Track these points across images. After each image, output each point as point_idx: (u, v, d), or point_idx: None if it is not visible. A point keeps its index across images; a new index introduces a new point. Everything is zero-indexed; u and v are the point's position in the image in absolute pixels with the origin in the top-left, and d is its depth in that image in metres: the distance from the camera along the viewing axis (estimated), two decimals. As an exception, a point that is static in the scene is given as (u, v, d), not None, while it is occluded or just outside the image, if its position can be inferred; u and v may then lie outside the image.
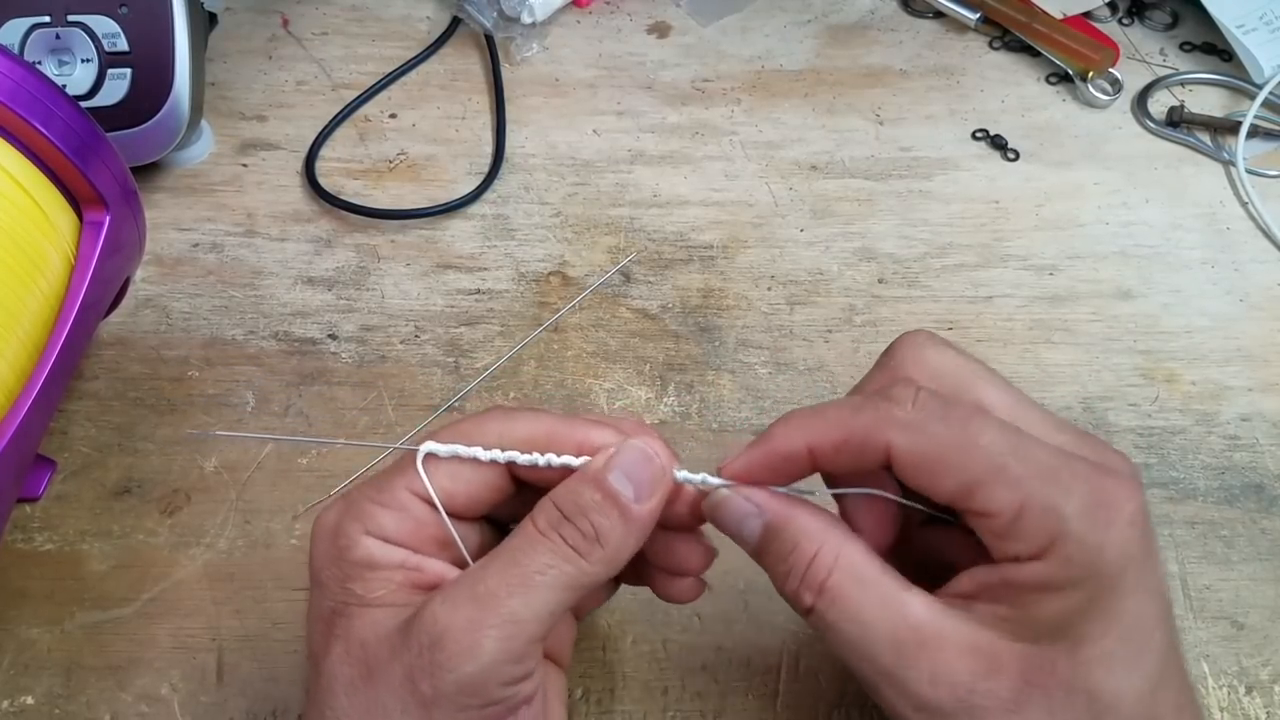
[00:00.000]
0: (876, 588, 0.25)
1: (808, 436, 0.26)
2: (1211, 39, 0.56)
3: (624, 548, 0.25)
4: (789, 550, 0.26)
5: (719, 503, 0.27)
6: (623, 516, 0.25)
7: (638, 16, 0.57)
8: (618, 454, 0.26)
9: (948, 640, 0.24)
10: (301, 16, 0.56)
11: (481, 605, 0.24)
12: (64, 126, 0.34)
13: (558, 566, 0.24)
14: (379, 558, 0.25)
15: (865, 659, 0.24)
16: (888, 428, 0.24)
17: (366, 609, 0.25)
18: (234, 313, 0.45)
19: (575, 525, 0.25)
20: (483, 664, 0.23)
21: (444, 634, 0.24)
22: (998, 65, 0.56)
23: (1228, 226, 0.49)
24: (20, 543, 0.38)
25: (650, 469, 0.26)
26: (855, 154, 0.51)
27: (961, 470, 0.24)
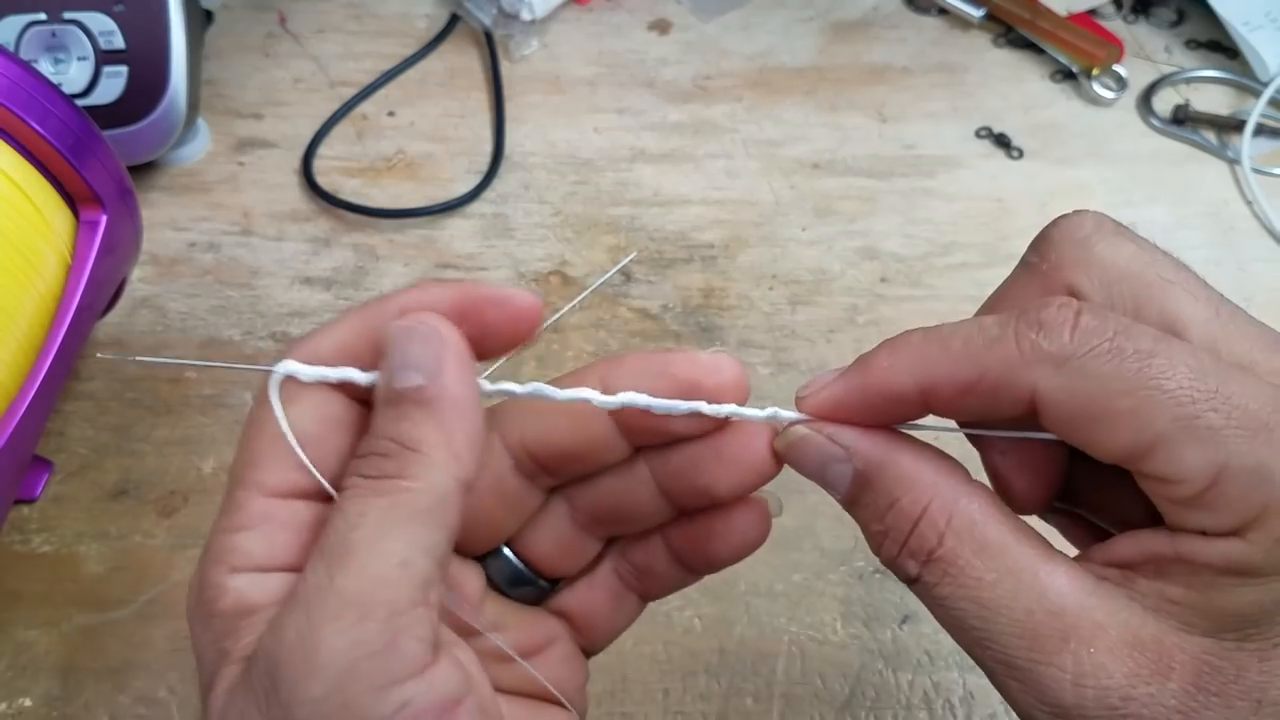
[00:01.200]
0: (1004, 556, 0.19)
1: (922, 371, 0.20)
2: (1217, 36, 0.56)
3: (451, 436, 0.19)
4: (886, 506, 0.20)
5: (794, 443, 0.21)
6: (421, 405, 0.19)
7: (638, 13, 0.57)
8: (387, 356, 0.20)
9: (1101, 630, 0.18)
10: (299, 13, 0.56)
11: (307, 605, 0.18)
12: (60, 125, 0.34)
13: (371, 508, 0.18)
14: (254, 598, 0.19)
15: (987, 647, 0.19)
16: (1035, 366, 0.18)
17: (230, 667, 0.19)
18: (231, 313, 0.45)
19: (373, 454, 0.19)
20: (331, 675, 0.17)
21: (276, 662, 0.18)
22: (1002, 62, 0.55)
23: (1233, 225, 0.49)
24: (17, 544, 0.38)
25: (422, 339, 0.19)
26: (858, 152, 0.51)
27: (1137, 425, 0.18)
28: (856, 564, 0.38)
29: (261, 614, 0.19)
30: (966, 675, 0.36)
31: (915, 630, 0.37)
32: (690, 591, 0.37)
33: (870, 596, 0.37)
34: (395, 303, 0.21)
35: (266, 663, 0.18)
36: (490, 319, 0.21)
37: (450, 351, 0.20)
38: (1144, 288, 0.20)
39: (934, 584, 0.19)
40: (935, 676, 0.36)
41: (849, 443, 0.21)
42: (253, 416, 0.20)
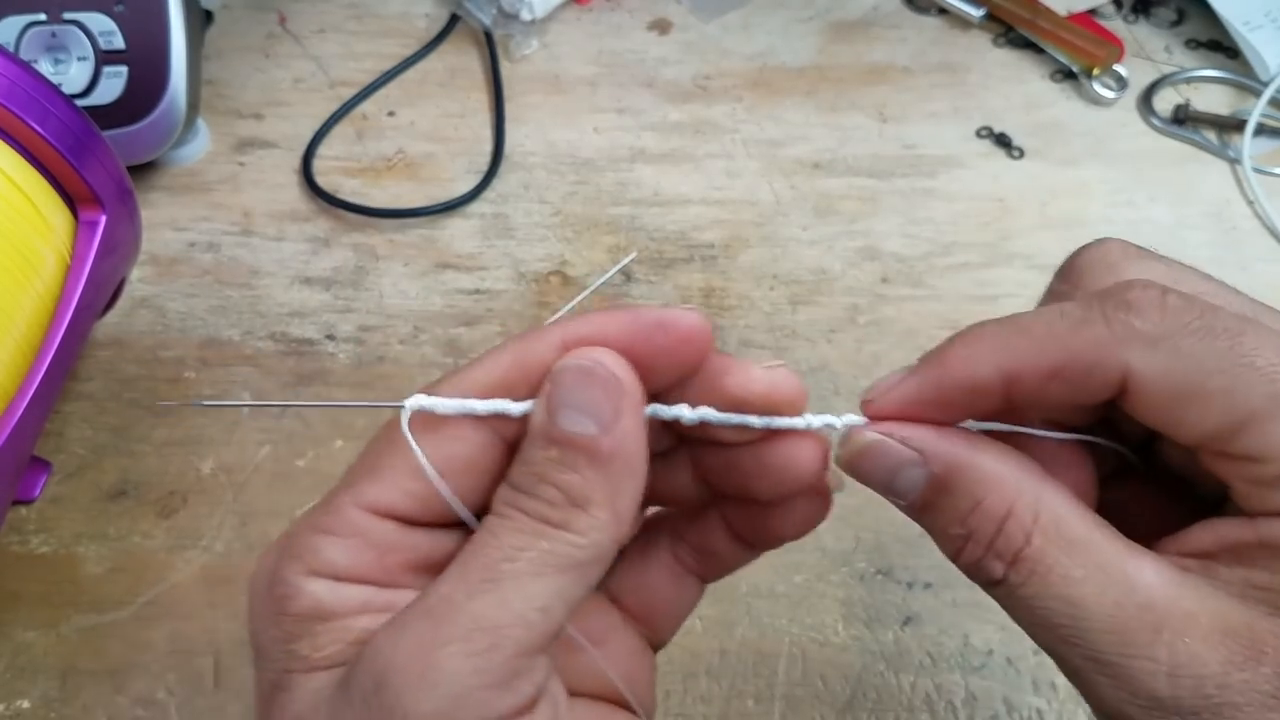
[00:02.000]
0: (1092, 552, 0.18)
1: (1006, 359, 0.19)
2: (1217, 36, 0.56)
3: (618, 494, 0.19)
4: (968, 509, 0.19)
5: (862, 450, 0.20)
6: (592, 460, 0.19)
7: (638, 13, 0.57)
8: (553, 389, 0.19)
9: (1192, 620, 0.18)
10: (299, 14, 0.56)
11: (436, 618, 0.18)
12: (59, 125, 0.34)
13: (531, 548, 0.18)
14: (330, 604, 0.19)
15: (1075, 644, 0.18)
16: (1128, 345, 0.18)
17: (311, 674, 0.18)
18: (230, 313, 0.45)
19: (536, 496, 0.19)
20: (446, 694, 0.17)
21: (387, 668, 0.17)
22: (1002, 62, 0.55)
23: (1234, 225, 0.49)
24: (15, 545, 0.38)
25: (601, 385, 0.19)
26: (858, 152, 0.51)
27: (1229, 403, 0.18)
28: (858, 565, 0.38)
29: (338, 622, 0.19)
30: (969, 677, 0.36)
31: (917, 632, 0.36)
32: (691, 592, 0.37)
33: (872, 598, 0.37)
34: (558, 334, 0.20)
35: (375, 667, 0.17)
36: (659, 345, 0.20)
37: (629, 403, 0.19)
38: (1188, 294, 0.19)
39: (1020, 584, 0.19)
40: (937, 678, 0.36)
41: (924, 446, 0.20)
42: (383, 434, 0.20)
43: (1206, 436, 0.18)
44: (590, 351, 0.19)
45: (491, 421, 0.20)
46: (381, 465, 0.20)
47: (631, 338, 0.20)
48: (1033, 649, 0.36)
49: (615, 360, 0.19)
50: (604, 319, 0.20)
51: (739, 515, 0.23)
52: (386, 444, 0.20)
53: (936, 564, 0.38)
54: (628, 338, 0.20)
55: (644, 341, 0.20)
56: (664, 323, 0.20)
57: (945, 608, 0.37)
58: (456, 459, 0.20)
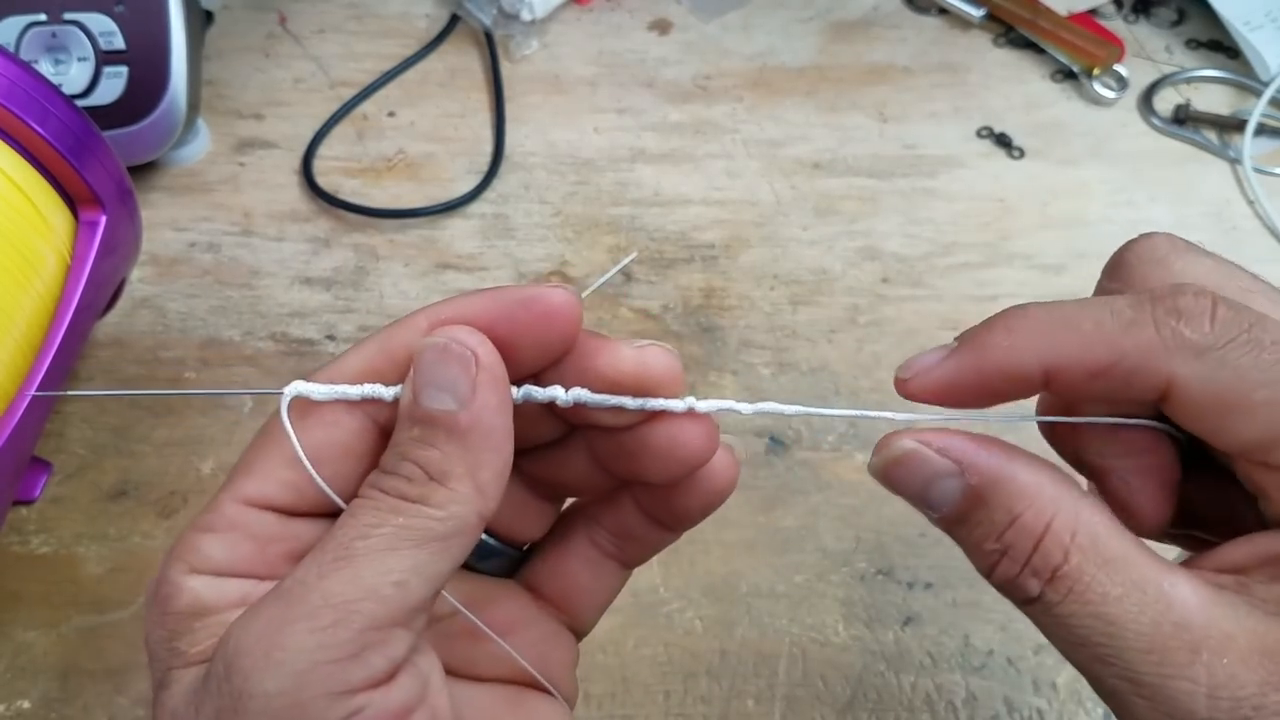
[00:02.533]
0: (1129, 570, 0.18)
1: (1050, 352, 0.19)
2: (1218, 36, 0.56)
3: (478, 467, 0.19)
4: (1005, 523, 0.19)
5: (898, 459, 0.20)
6: (450, 434, 0.19)
7: (639, 13, 0.57)
8: (415, 370, 0.19)
9: (1230, 640, 0.18)
10: (299, 14, 0.56)
11: (286, 600, 0.18)
12: (60, 125, 0.34)
13: (386, 524, 0.18)
14: (208, 600, 0.19)
15: (1112, 663, 0.18)
16: (1176, 354, 0.18)
17: (187, 669, 0.18)
18: (231, 313, 0.45)
19: (396, 474, 0.19)
20: (290, 671, 0.17)
21: (236, 652, 0.17)
22: (1002, 62, 0.55)
23: (1234, 225, 0.49)
24: (16, 545, 0.38)
25: (457, 361, 0.19)
26: (858, 152, 0.51)
27: (1273, 416, 0.18)
28: (858, 565, 0.38)
29: (216, 616, 0.19)
30: (969, 677, 0.36)
31: (917, 632, 0.36)
32: (691, 593, 0.37)
33: (872, 598, 0.37)
34: (423, 317, 0.20)
35: (227, 651, 0.18)
36: (524, 322, 0.20)
37: (486, 376, 0.19)
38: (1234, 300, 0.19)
39: (1057, 602, 0.18)
40: (937, 678, 0.35)
41: (962, 456, 0.19)
42: (262, 429, 0.20)
43: (1246, 447, 0.18)
44: (449, 330, 0.19)
45: (366, 408, 0.20)
46: (258, 459, 0.20)
47: (495, 316, 0.20)
48: (1033, 649, 0.36)
49: (472, 336, 0.19)
50: (467, 300, 0.20)
51: (647, 497, 0.23)
52: (263, 438, 0.20)
53: (937, 564, 0.38)
54: (492, 316, 0.20)
55: (508, 320, 0.20)
56: (527, 300, 0.20)
57: (946, 608, 0.37)
58: (333, 445, 0.20)
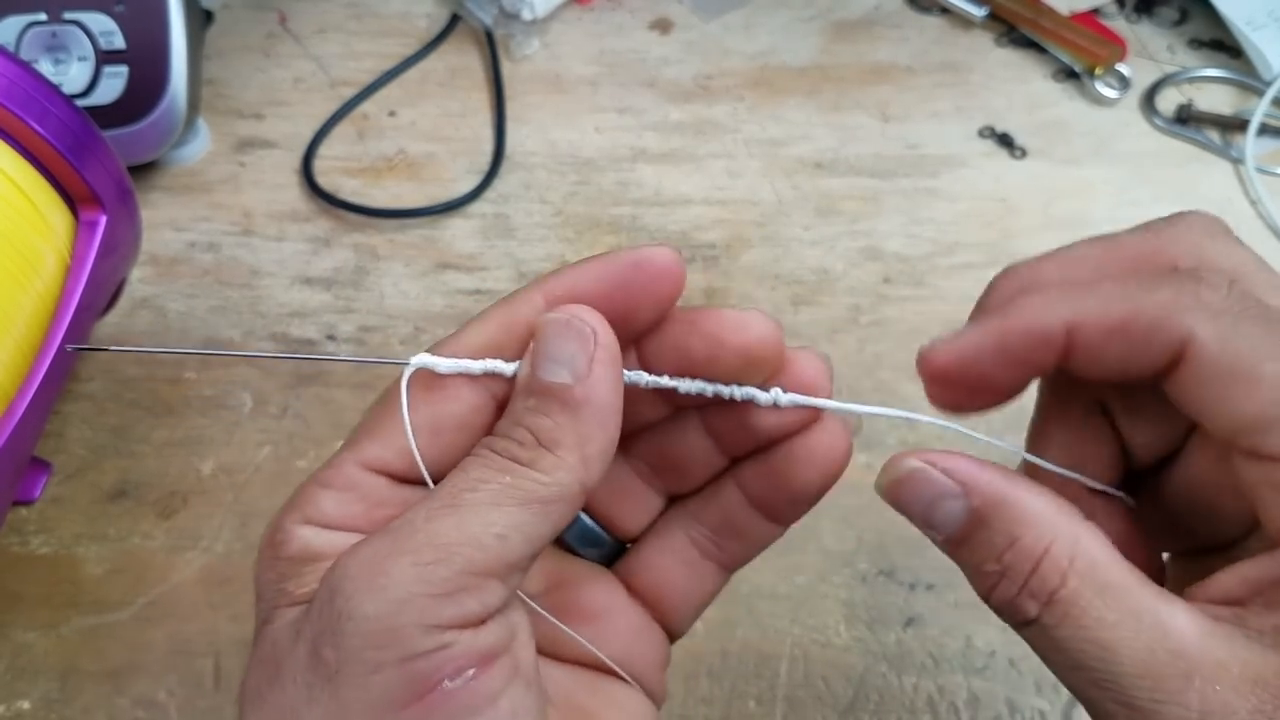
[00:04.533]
0: (1126, 597, 0.19)
1: (1072, 309, 0.19)
2: (1220, 36, 0.56)
3: (587, 440, 0.20)
4: (1005, 545, 0.19)
5: (903, 478, 0.20)
6: (564, 406, 0.20)
7: (640, 13, 0.57)
8: (536, 343, 0.20)
9: (1223, 668, 0.18)
10: (299, 13, 0.56)
11: (394, 536, 0.19)
12: (59, 125, 0.34)
13: (494, 480, 0.19)
14: (317, 548, 0.20)
15: (1107, 688, 0.19)
16: (1194, 312, 0.18)
17: (291, 607, 0.20)
18: (231, 313, 0.45)
19: (508, 438, 0.20)
20: (390, 595, 0.18)
21: (342, 577, 0.18)
22: (1004, 62, 0.55)
23: (1236, 225, 0.48)
24: (16, 546, 0.38)
25: (576, 336, 0.20)
26: (860, 151, 0.51)
27: (1275, 393, 0.18)
28: (860, 566, 0.38)
29: (323, 563, 0.20)
30: (971, 679, 0.35)
31: (919, 633, 0.36)
32: (692, 593, 0.37)
33: (874, 599, 0.37)
34: (538, 292, 0.21)
35: (333, 577, 0.18)
36: (636, 283, 0.21)
37: (602, 354, 0.20)
38: (1256, 290, 0.20)
39: (1053, 625, 0.19)
40: (939, 680, 0.35)
41: (966, 478, 0.19)
42: (386, 395, 0.21)
43: (1244, 425, 0.18)
44: (571, 307, 0.20)
45: (486, 382, 0.21)
46: (381, 425, 0.21)
47: (609, 283, 0.21)
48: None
49: (592, 315, 0.20)
50: (580, 269, 0.21)
51: (757, 481, 0.23)
52: (386, 404, 0.21)
53: (939, 565, 0.38)
54: (605, 284, 0.21)
55: (622, 285, 0.21)
56: (638, 261, 0.21)
57: (947, 609, 0.37)
58: (451, 417, 0.21)
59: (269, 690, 0.19)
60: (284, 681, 0.19)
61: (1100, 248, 0.21)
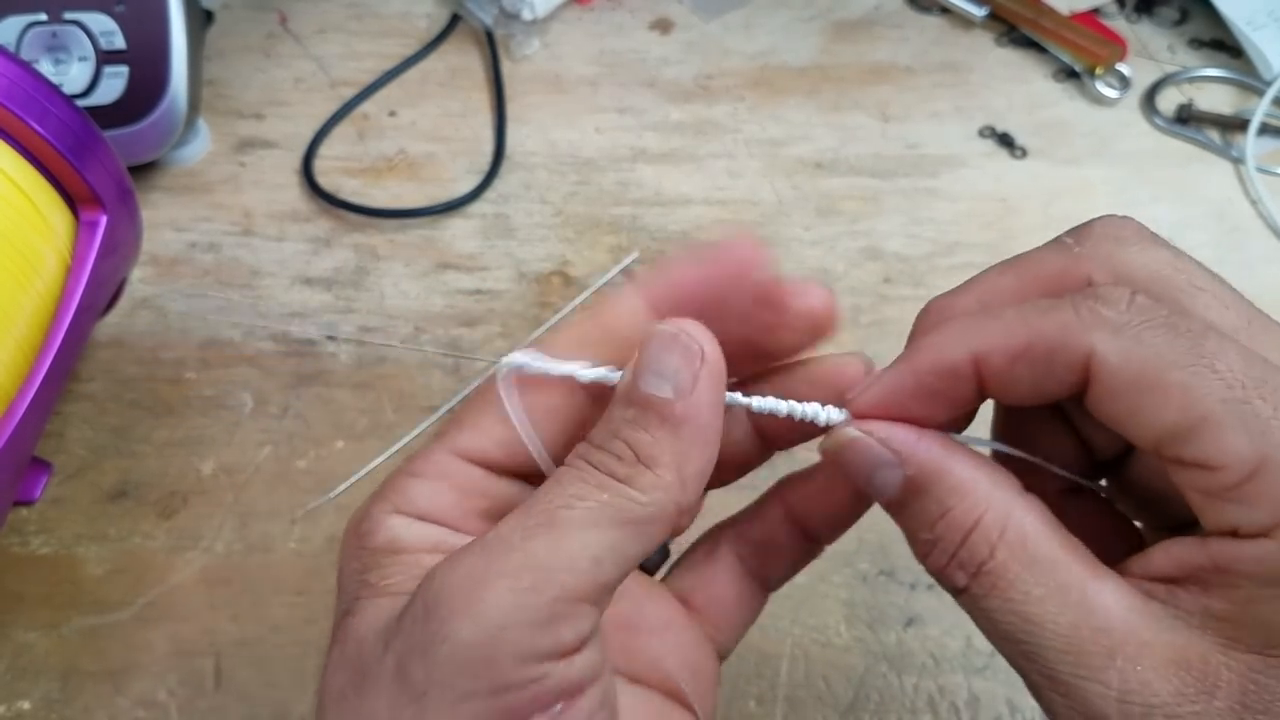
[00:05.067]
0: (1055, 572, 0.19)
1: (974, 342, 0.19)
2: (1220, 35, 0.56)
3: (686, 459, 0.19)
4: (937, 515, 0.20)
5: (844, 446, 0.21)
6: (664, 422, 0.19)
7: (640, 13, 0.57)
8: (641, 354, 0.20)
9: (1147, 648, 0.18)
10: (299, 13, 0.56)
11: (489, 553, 0.18)
12: (60, 125, 0.34)
13: (590, 498, 0.19)
14: (405, 539, 0.20)
15: (1032, 660, 0.19)
16: (1093, 330, 0.18)
17: (376, 599, 0.19)
18: (231, 313, 0.45)
19: (606, 451, 0.19)
20: (487, 622, 0.17)
21: (439, 595, 0.18)
22: (1004, 62, 0.55)
23: (1236, 225, 0.48)
24: (16, 546, 0.38)
25: (682, 352, 0.19)
26: (860, 151, 0.51)
27: (1186, 401, 0.18)
28: (860, 566, 0.38)
29: (410, 556, 0.20)
30: (971, 679, 0.35)
31: (920, 633, 0.36)
32: (693, 593, 0.37)
33: (874, 599, 0.37)
34: (639, 296, 0.21)
35: (429, 592, 0.18)
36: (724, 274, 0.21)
37: (708, 372, 0.20)
38: (1174, 292, 0.20)
39: (981, 596, 0.19)
40: (940, 680, 0.35)
41: (902, 448, 0.20)
42: (481, 388, 0.21)
43: (1162, 436, 0.18)
44: (681, 322, 0.20)
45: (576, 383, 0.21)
46: (475, 415, 0.21)
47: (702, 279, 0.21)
48: (1036, 650, 0.36)
49: (701, 331, 0.20)
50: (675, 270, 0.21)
51: (800, 494, 0.24)
52: (480, 398, 0.21)
53: (939, 565, 0.38)
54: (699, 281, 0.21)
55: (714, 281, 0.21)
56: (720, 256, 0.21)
57: (948, 609, 0.37)
58: (543, 409, 0.21)
59: (354, 695, 0.19)
60: (368, 690, 0.18)
61: (1013, 273, 0.21)
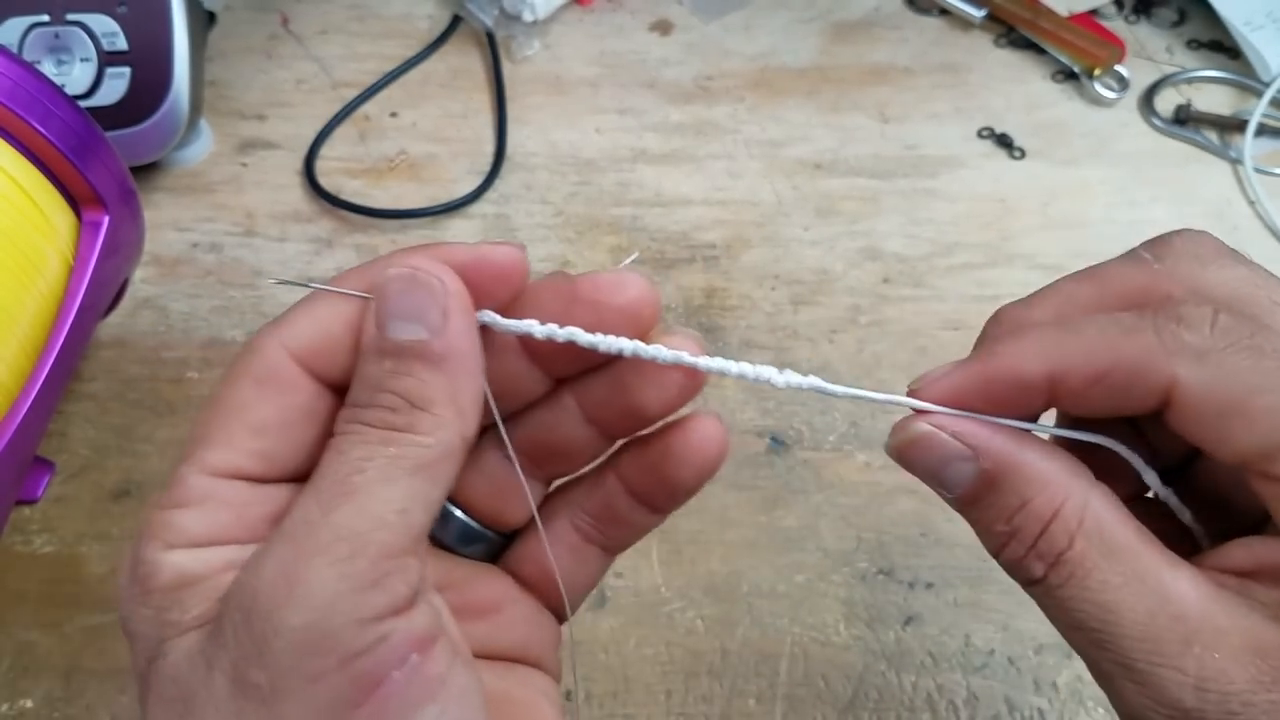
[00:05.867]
0: (1132, 560, 0.19)
1: (1054, 359, 0.19)
2: (1218, 36, 0.56)
3: (458, 393, 0.19)
4: (1016, 507, 0.19)
5: (914, 440, 0.20)
6: (427, 363, 0.19)
7: (640, 14, 0.57)
8: (380, 302, 0.19)
9: (1223, 635, 0.18)
10: (301, 15, 0.56)
11: (295, 539, 0.18)
12: (62, 126, 0.34)
13: (378, 455, 0.18)
14: (194, 570, 0.18)
15: (1106, 648, 0.19)
16: (1176, 357, 0.18)
17: (184, 635, 0.18)
18: (233, 313, 0.45)
19: (377, 406, 0.19)
20: (316, 601, 0.17)
21: (254, 596, 0.17)
22: (1003, 63, 0.55)
23: (1235, 225, 0.49)
24: (19, 545, 0.38)
25: (425, 289, 0.19)
26: (860, 152, 0.51)
27: (1272, 423, 0.18)
28: (859, 565, 0.38)
29: (205, 583, 0.18)
30: (970, 677, 0.36)
31: (918, 632, 0.36)
32: (693, 592, 0.37)
33: (873, 598, 0.37)
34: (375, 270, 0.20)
35: (241, 598, 0.17)
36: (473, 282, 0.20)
37: (455, 303, 0.19)
38: (1255, 309, 0.20)
39: (1058, 585, 0.19)
40: (939, 678, 0.36)
41: (975, 441, 0.20)
42: (213, 399, 0.20)
43: (1248, 455, 0.19)
44: (410, 259, 0.19)
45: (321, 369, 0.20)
46: (217, 430, 0.19)
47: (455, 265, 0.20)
48: (1034, 649, 0.36)
49: (436, 265, 0.19)
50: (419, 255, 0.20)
51: (636, 468, 0.23)
52: (219, 405, 0.20)
53: (938, 564, 0.38)
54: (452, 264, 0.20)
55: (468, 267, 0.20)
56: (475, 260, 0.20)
57: (946, 608, 0.37)
58: (297, 408, 0.20)
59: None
60: (198, 714, 0.17)
61: (1090, 285, 0.21)
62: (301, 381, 0.20)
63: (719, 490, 0.40)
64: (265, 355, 0.20)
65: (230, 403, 0.20)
